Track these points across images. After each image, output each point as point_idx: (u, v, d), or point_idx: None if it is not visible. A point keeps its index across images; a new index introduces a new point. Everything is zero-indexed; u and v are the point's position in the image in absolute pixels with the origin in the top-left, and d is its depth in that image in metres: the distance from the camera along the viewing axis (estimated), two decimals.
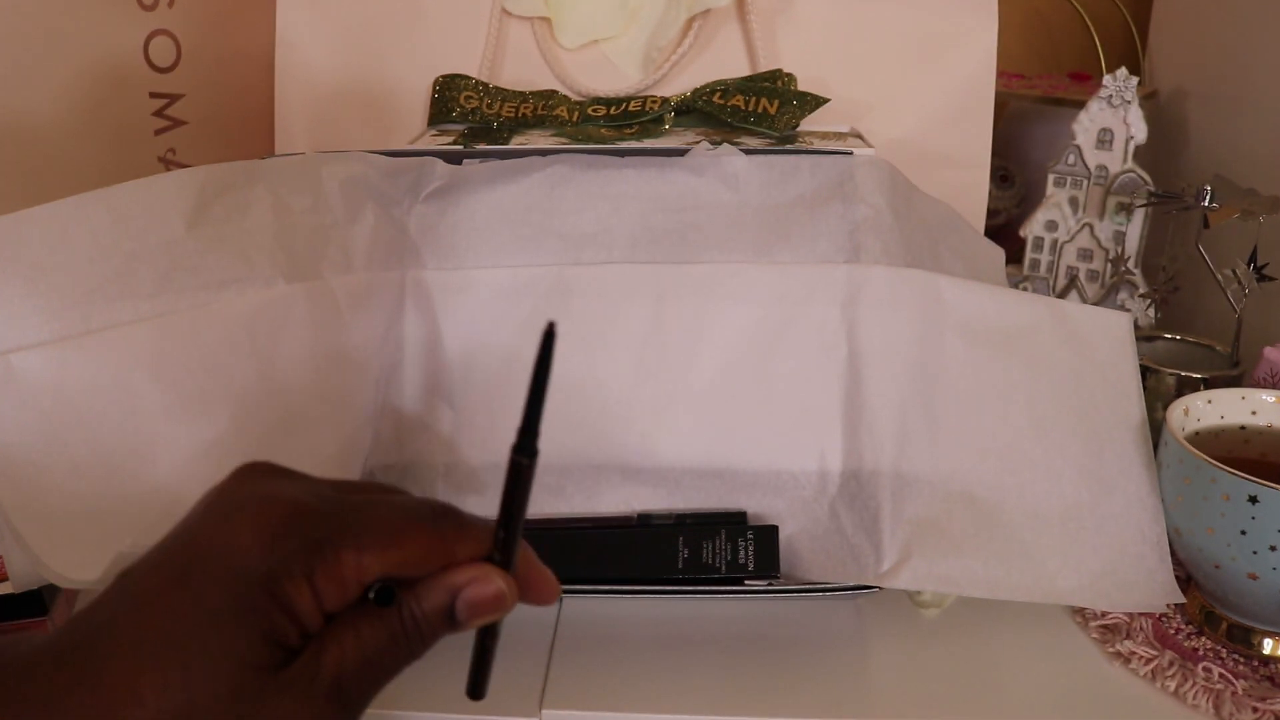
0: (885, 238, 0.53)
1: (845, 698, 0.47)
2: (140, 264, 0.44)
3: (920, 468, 0.51)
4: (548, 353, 0.30)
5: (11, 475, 0.41)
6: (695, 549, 0.49)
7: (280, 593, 0.29)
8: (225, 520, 0.30)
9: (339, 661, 0.30)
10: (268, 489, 0.31)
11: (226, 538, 0.30)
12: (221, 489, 0.32)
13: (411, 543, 0.31)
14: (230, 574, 0.29)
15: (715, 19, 0.71)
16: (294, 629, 0.29)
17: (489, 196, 0.54)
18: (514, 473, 0.31)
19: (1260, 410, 0.53)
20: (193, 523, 0.31)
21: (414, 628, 0.31)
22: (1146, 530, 0.51)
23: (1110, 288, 0.71)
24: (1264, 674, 0.48)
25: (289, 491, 0.31)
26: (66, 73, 0.65)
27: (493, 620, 0.32)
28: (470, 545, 0.32)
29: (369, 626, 0.31)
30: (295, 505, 0.30)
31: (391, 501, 0.32)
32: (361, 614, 0.31)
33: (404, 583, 0.31)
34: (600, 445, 0.52)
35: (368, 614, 0.31)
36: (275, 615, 0.29)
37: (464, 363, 0.54)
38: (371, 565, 0.30)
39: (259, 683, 0.28)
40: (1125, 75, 0.69)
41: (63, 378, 0.42)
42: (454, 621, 0.32)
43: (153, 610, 0.29)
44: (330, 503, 0.31)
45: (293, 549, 0.29)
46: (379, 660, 0.31)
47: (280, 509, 0.30)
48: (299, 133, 0.72)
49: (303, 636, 0.30)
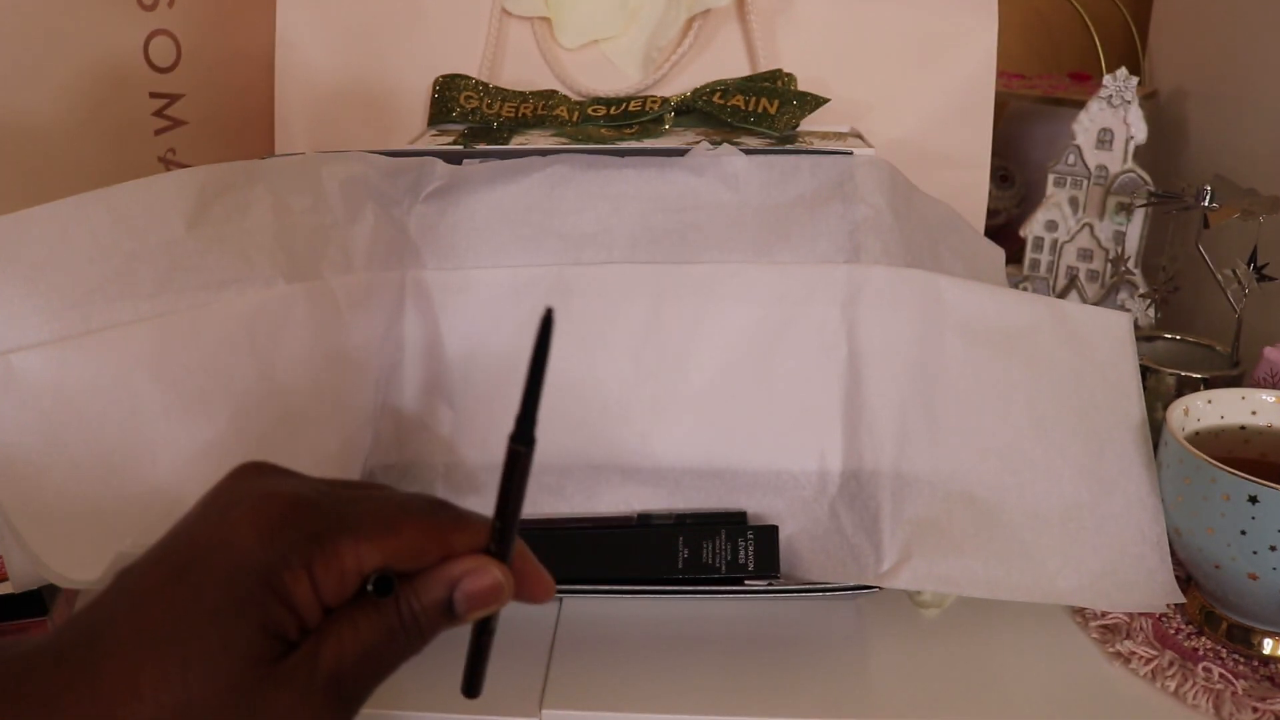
0: (885, 238, 0.53)
1: (845, 698, 0.47)
2: (140, 264, 0.44)
3: (920, 468, 0.51)
4: (545, 339, 0.30)
5: (11, 475, 0.41)
6: (695, 549, 0.49)
7: (279, 585, 0.29)
8: (223, 516, 0.30)
9: (337, 655, 0.30)
10: (265, 485, 0.31)
11: (224, 532, 0.30)
12: (219, 487, 0.32)
13: (409, 533, 0.31)
14: (228, 568, 0.29)
15: (715, 19, 0.71)
16: (292, 621, 0.29)
17: (489, 196, 0.54)
18: (511, 461, 0.31)
19: (1260, 410, 0.53)
20: (191, 520, 0.31)
21: (412, 621, 0.31)
22: (1146, 530, 0.51)
23: (1110, 288, 0.71)
24: (1264, 674, 0.48)
25: (286, 486, 0.31)
26: (66, 73, 0.65)
27: (491, 612, 0.32)
28: (466, 538, 0.32)
29: (367, 620, 0.31)
30: (293, 499, 0.30)
31: (388, 495, 0.33)
32: (360, 608, 0.31)
33: (402, 576, 0.31)
34: (600, 445, 0.52)
35: (366, 608, 0.31)
36: (274, 607, 0.29)
37: (464, 363, 0.54)
38: (369, 555, 0.30)
39: (257, 676, 0.29)
40: (1125, 75, 0.69)
41: (63, 378, 0.42)
42: (452, 614, 0.32)
43: (151, 607, 0.29)
44: (328, 497, 0.31)
45: (291, 541, 0.29)
46: (377, 654, 0.31)
47: (278, 503, 0.30)
48: (299, 133, 0.72)
49: (301, 629, 0.30)
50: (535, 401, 0.30)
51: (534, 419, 0.31)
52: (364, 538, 0.30)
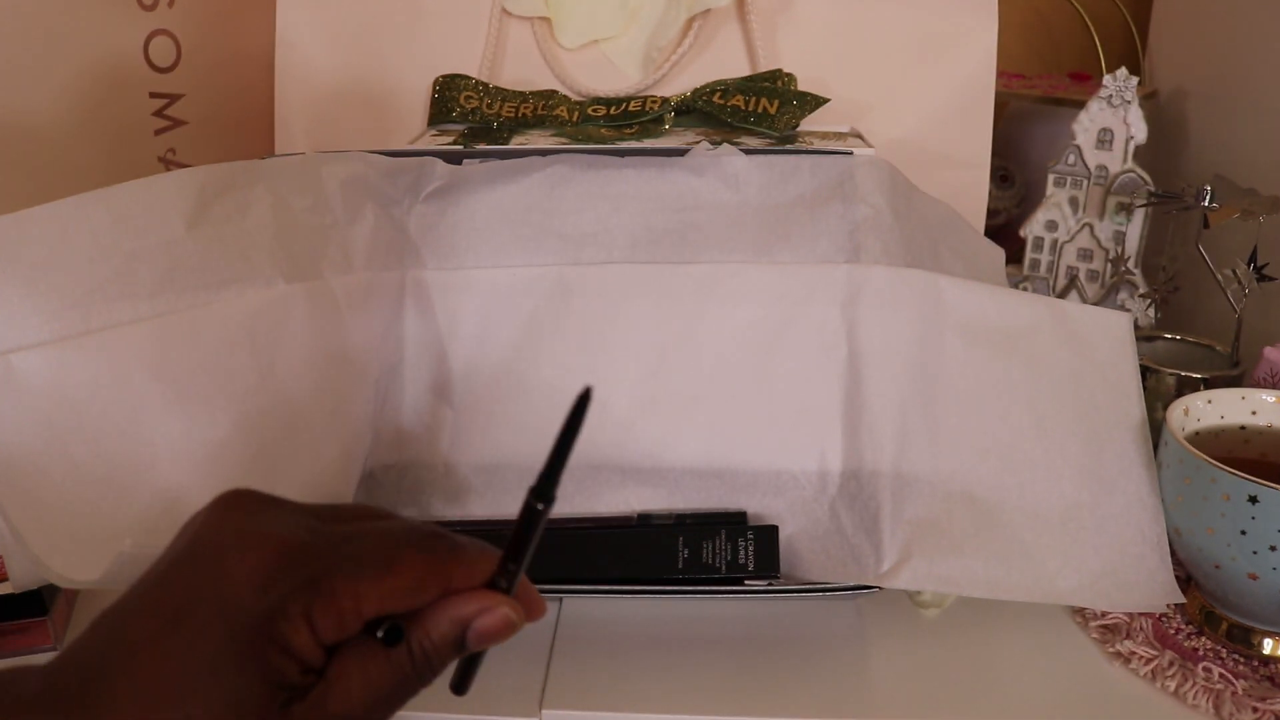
0: (885, 238, 0.53)
1: (845, 698, 0.47)
2: (140, 264, 0.44)
3: (920, 468, 0.51)
4: (580, 412, 0.29)
5: (11, 475, 0.41)
6: (695, 549, 0.49)
7: (278, 634, 0.28)
8: (216, 561, 0.29)
9: (346, 703, 0.29)
10: (255, 525, 0.30)
11: (218, 581, 0.29)
12: (206, 524, 0.31)
13: (406, 569, 0.30)
14: (225, 618, 0.28)
15: (715, 19, 0.71)
16: (294, 667, 0.29)
17: (489, 196, 0.54)
18: (527, 516, 0.31)
19: (1260, 410, 0.53)
20: (180, 562, 0.30)
21: (424, 662, 0.31)
22: (1146, 530, 0.51)
23: (1110, 288, 0.71)
24: (1264, 674, 0.48)
25: (277, 527, 0.30)
26: (66, 73, 0.65)
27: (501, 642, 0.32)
28: (465, 569, 0.31)
29: (377, 666, 0.30)
30: (286, 542, 0.30)
31: (381, 529, 0.32)
32: (369, 654, 0.30)
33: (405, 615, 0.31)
34: (600, 445, 0.52)
35: (375, 654, 0.30)
36: (274, 657, 0.28)
37: (464, 363, 0.54)
38: (368, 595, 0.30)
39: None
40: (1125, 75, 0.69)
41: (63, 378, 0.42)
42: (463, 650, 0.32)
43: (148, 657, 0.28)
44: (320, 536, 0.30)
45: (287, 589, 0.29)
46: (388, 699, 0.30)
47: (272, 547, 0.29)
48: (299, 133, 0.72)
49: (305, 671, 0.29)
50: (561, 464, 0.30)
51: (556, 480, 0.30)
52: (361, 578, 0.29)
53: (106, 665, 0.28)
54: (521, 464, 0.53)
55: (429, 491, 0.53)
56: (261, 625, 0.28)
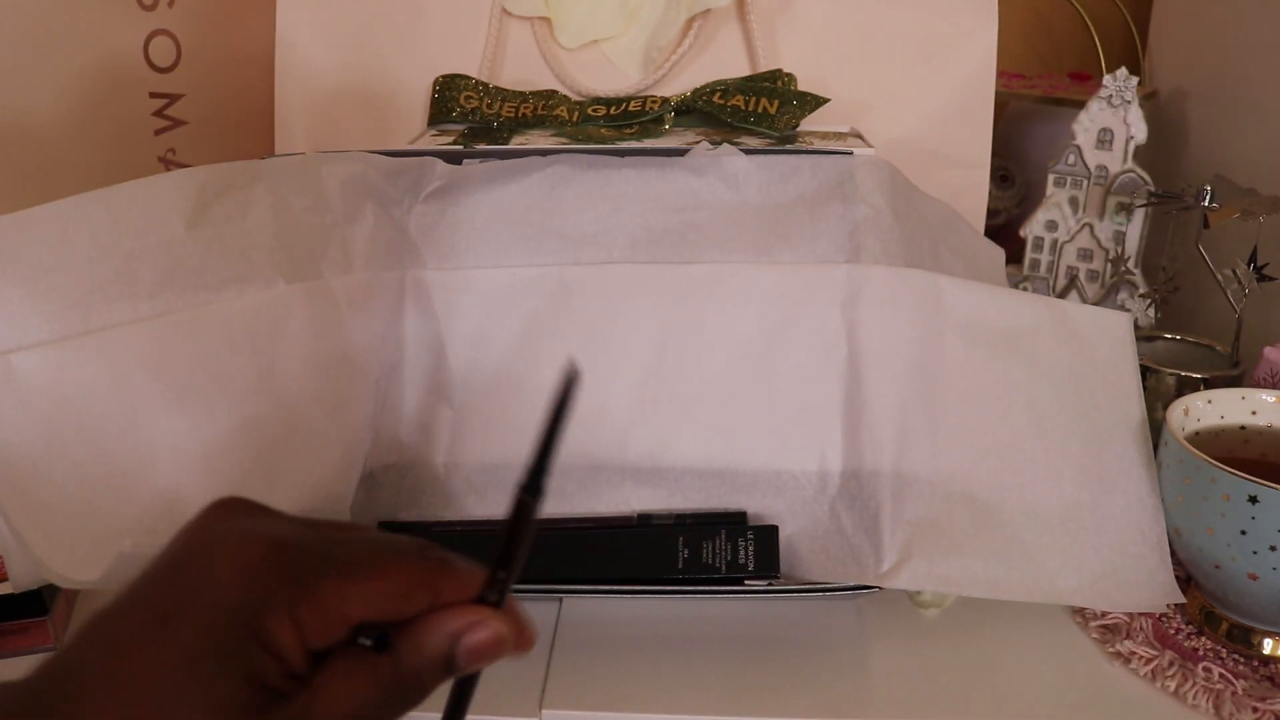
0: (885, 238, 0.53)
1: (845, 698, 0.47)
2: (140, 264, 0.44)
3: (920, 468, 0.51)
4: (568, 394, 0.28)
5: (11, 475, 0.41)
6: (695, 549, 0.49)
7: (262, 630, 0.28)
8: (202, 559, 0.29)
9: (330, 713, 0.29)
10: (244, 526, 0.30)
11: (203, 577, 0.28)
12: (195, 527, 0.30)
13: (395, 576, 0.30)
14: (209, 614, 0.28)
15: (715, 19, 0.71)
16: (277, 668, 0.28)
17: (489, 196, 0.54)
18: (518, 511, 0.30)
19: (1260, 410, 0.53)
20: (168, 562, 0.29)
21: (413, 677, 0.30)
22: (1147, 530, 0.51)
23: (1110, 288, 0.71)
24: (1264, 674, 0.48)
25: (267, 528, 0.30)
26: (66, 73, 0.65)
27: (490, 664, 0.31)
28: (454, 583, 0.31)
29: (363, 676, 0.29)
30: (274, 541, 0.29)
31: (373, 537, 0.31)
32: (356, 666, 0.29)
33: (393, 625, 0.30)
34: (600, 445, 0.52)
35: (362, 663, 0.29)
36: (257, 655, 0.28)
37: (464, 362, 0.54)
38: (355, 598, 0.29)
39: None
40: (1125, 75, 0.69)
41: (63, 378, 0.42)
42: (452, 668, 0.30)
43: (128, 656, 0.27)
44: (310, 538, 0.30)
45: (274, 584, 0.28)
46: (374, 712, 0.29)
47: (259, 545, 0.29)
48: (299, 133, 0.72)
49: (287, 676, 0.28)
50: (550, 453, 0.29)
51: (546, 470, 0.30)
52: (349, 579, 0.29)
53: (88, 666, 0.27)
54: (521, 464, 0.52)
55: (429, 491, 0.53)
56: (245, 621, 0.27)
